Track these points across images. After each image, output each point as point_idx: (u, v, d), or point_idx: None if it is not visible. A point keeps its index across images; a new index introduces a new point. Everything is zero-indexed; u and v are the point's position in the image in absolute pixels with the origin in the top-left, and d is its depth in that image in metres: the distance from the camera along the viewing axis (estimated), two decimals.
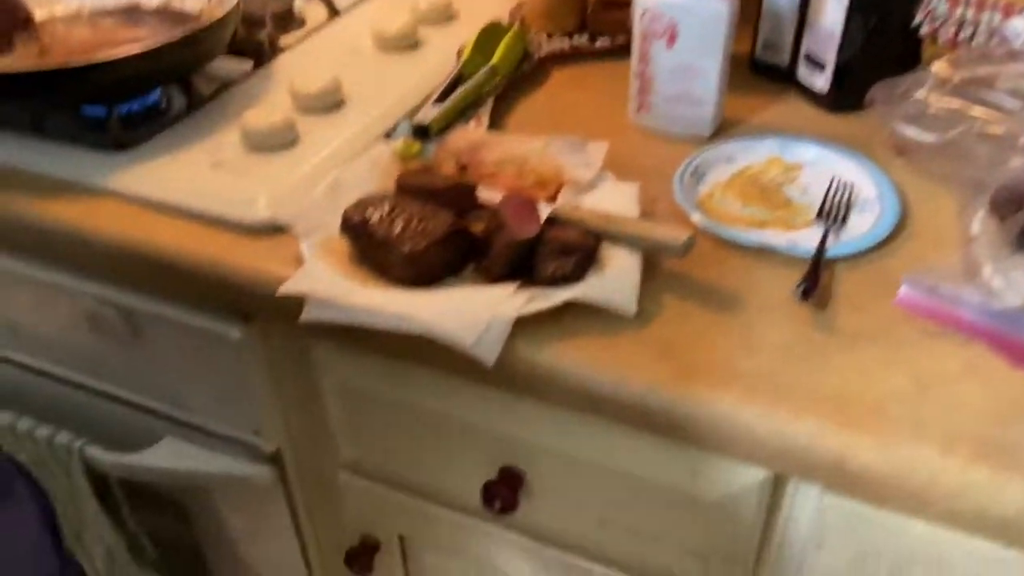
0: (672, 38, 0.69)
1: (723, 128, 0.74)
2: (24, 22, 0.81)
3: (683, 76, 0.71)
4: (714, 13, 0.67)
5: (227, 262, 0.61)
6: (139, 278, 0.66)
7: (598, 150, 0.67)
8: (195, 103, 0.77)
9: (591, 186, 0.64)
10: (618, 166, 0.66)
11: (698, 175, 0.68)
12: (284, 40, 0.90)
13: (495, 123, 0.75)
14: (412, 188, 0.61)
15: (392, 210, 0.58)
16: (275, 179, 0.67)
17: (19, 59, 0.78)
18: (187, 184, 0.67)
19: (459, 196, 0.62)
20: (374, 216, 0.58)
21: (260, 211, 0.63)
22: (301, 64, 0.84)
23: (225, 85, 0.80)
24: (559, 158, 0.67)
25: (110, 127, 0.71)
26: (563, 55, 0.85)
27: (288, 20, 0.94)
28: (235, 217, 0.63)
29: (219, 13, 0.79)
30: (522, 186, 0.65)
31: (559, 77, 0.84)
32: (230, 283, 0.61)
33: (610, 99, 0.77)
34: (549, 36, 0.87)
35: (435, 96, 0.75)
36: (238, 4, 0.80)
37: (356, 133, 0.72)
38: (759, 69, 0.81)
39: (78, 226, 0.65)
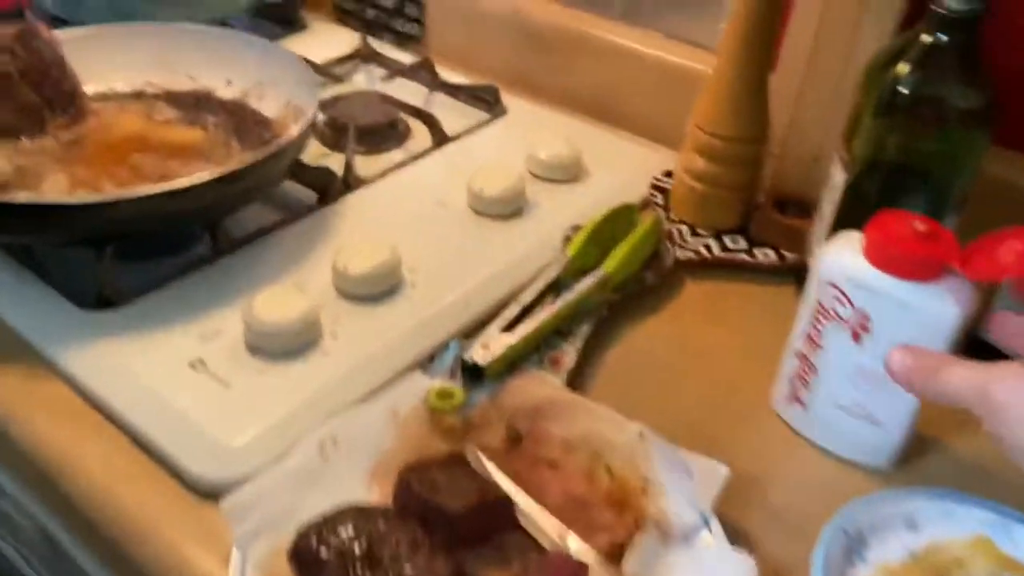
0: (859, 333, 0.46)
1: (908, 460, 0.50)
2: (68, 96, 0.68)
3: (865, 384, 0.48)
4: (935, 317, 0.44)
5: (146, 532, 0.43)
6: (55, 504, 0.49)
7: (712, 479, 0.44)
8: (221, 248, 0.61)
9: (684, 539, 0.43)
10: (741, 491, 0.44)
11: (856, 541, 0.44)
12: (368, 164, 0.73)
13: (585, 362, 0.55)
14: (416, 500, 0.41)
15: (369, 542, 0.39)
16: (263, 409, 0.49)
17: (31, 152, 0.64)
18: (153, 386, 0.50)
19: (486, 517, 0.42)
20: (332, 551, 0.38)
21: (216, 465, 0.45)
22: (372, 211, 0.67)
23: (269, 228, 0.63)
24: (653, 466, 0.45)
25: (99, 274, 0.55)
26: (707, 263, 0.64)
27: (382, 137, 0.77)
28: (183, 463, 0.46)
29: (293, 129, 0.63)
30: (585, 496, 0.45)
31: (694, 294, 0.62)
32: (141, 565, 0.43)
33: (760, 351, 0.55)
34: (694, 231, 0.66)
35: (517, 306, 0.55)
36: (312, 120, 0.63)
37: (394, 343, 0.54)
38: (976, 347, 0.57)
39: (7, 410, 0.50)
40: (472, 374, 0.51)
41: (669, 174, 0.71)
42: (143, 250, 0.61)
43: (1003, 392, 0.37)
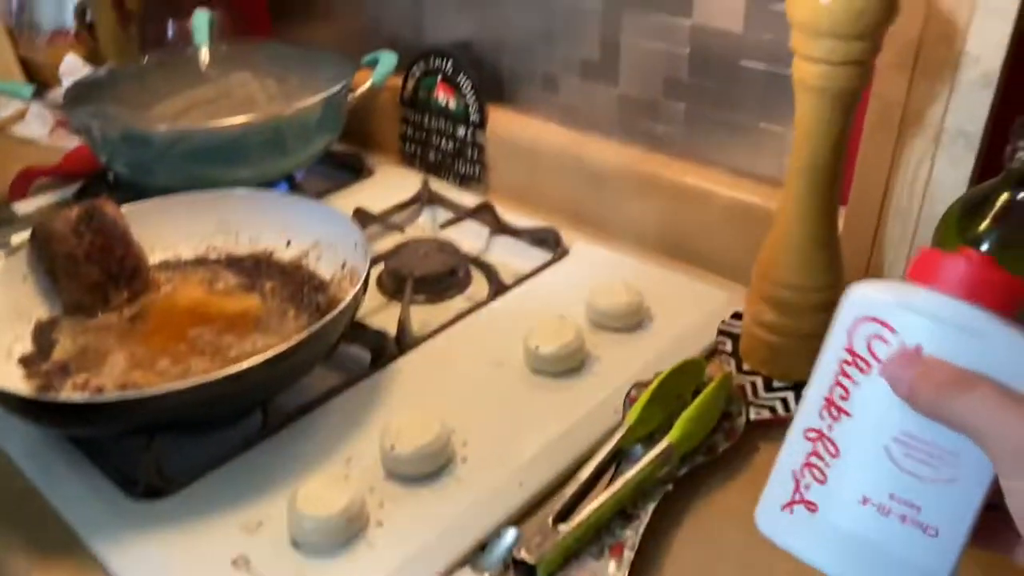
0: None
1: None
2: (132, 271, 0.69)
3: (911, 465, 0.33)
4: (1017, 356, 0.31)
5: None
6: None
7: None
8: (271, 424, 0.59)
9: None
10: None
11: None
12: (428, 313, 0.71)
13: (648, 548, 0.50)
14: None
15: None
16: None
17: (96, 329, 0.65)
18: None
19: None
20: None
21: None
22: (425, 374, 0.65)
23: (320, 399, 0.62)
24: None
25: (146, 465, 0.54)
26: (784, 422, 0.59)
27: (442, 285, 0.75)
28: None
29: (348, 289, 0.63)
30: None
31: (771, 459, 0.57)
32: None
33: None
34: (768, 384, 0.61)
35: (575, 484, 0.51)
36: (362, 290, 0.62)
37: (443, 532, 0.50)
38: None
39: None
40: (525, 571, 0.47)
41: (738, 316, 0.67)
42: (193, 427, 0.60)
43: None
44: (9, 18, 1.28)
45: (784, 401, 0.60)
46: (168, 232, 0.74)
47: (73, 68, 1.17)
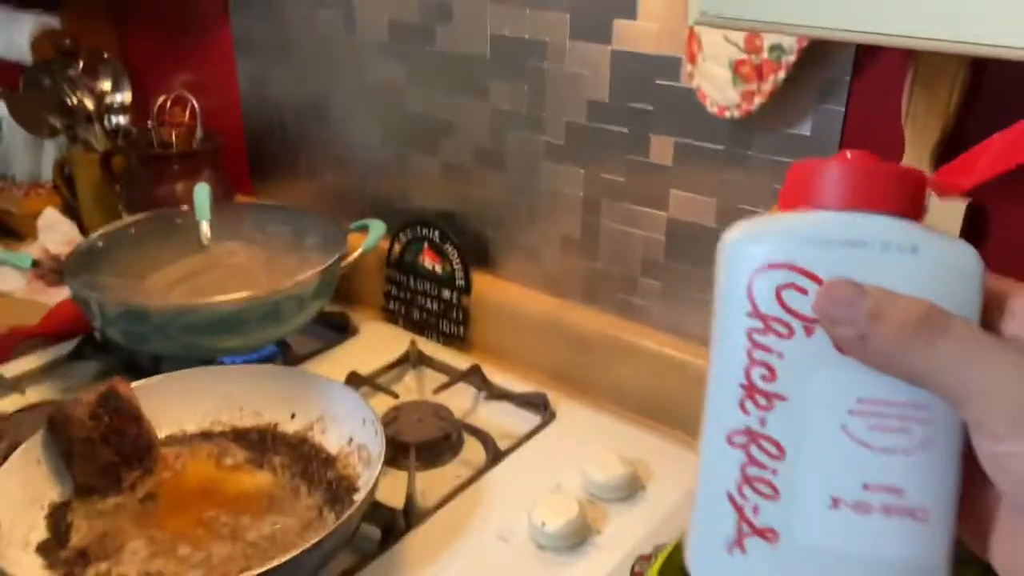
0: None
1: None
2: (144, 450, 0.71)
3: (882, 436, 0.26)
4: (951, 269, 0.26)
5: None
6: None
7: None
8: None
9: None
10: None
11: None
12: (425, 480, 0.75)
13: None
14: None
15: None
16: None
17: (110, 512, 0.66)
18: None
19: None
20: None
21: None
22: (434, 551, 0.67)
23: None
24: None
25: None
26: None
27: (438, 450, 0.79)
28: None
29: (355, 465, 0.66)
30: None
31: None
32: None
33: None
34: None
35: None
36: (379, 472, 0.65)
37: None
38: None
39: None
40: None
41: None
42: None
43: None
44: None
45: None
46: (173, 407, 0.76)
47: (52, 222, 1.19)
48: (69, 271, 0.88)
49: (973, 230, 0.62)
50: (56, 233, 1.18)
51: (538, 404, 0.85)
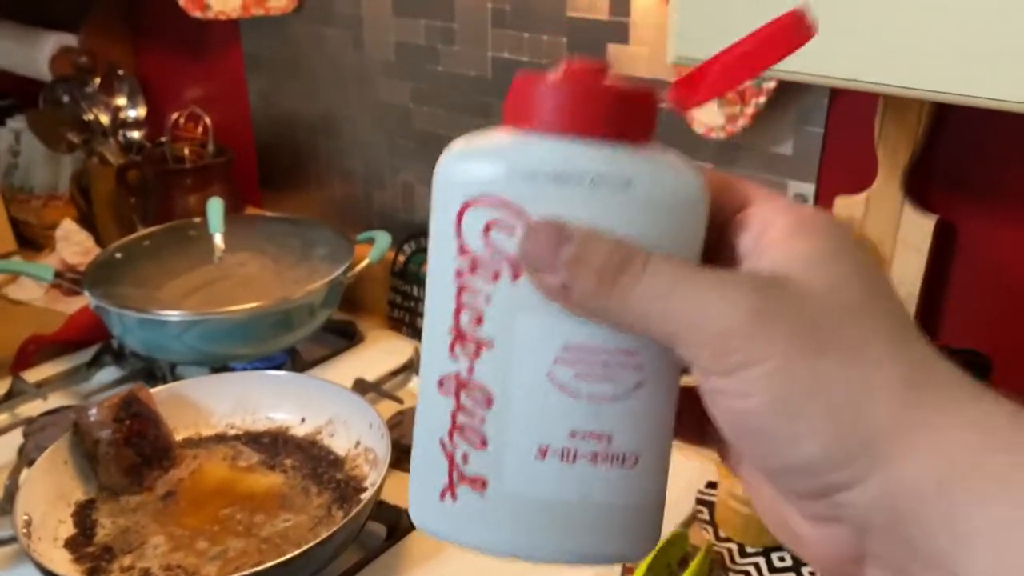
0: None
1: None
2: (163, 450, 0.75)
3: (592, 383, 0.25)
4: (670, 199, 0.25)
5: None
6: None
7: None
8: None
9: None
10: None
11: None
12: None
13: None
14: None
15: None
16: None
17: (132, 510, 0.70)
18: None
19: None
20: None
21: None
22: (438, 543, 0.71)
23: None
24: None
25: None
26: None
27: None
28: None
29: (363, 466, 0.70)
30: None
31: None
32: None
33: None
34: (743, 550, 0.70)
35: None
36: (385, 473, 0.69)
37: None
38: None
39: None
40: None
41: (712, 484, 0.76)
42: None
43: (720, 320, 0.22)
44: (0, 179, 1.35)
45: (756, 566, 0.69)
46: (190, 412, 0.81)
47: (70, 232, 1.24)
48: (89, 282, 0.93)
49: (942, 246, 0.67)
50: (73, 244, 1.22)
51: None
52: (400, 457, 0.81)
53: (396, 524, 0.73)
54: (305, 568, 0.64)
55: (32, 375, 0.96)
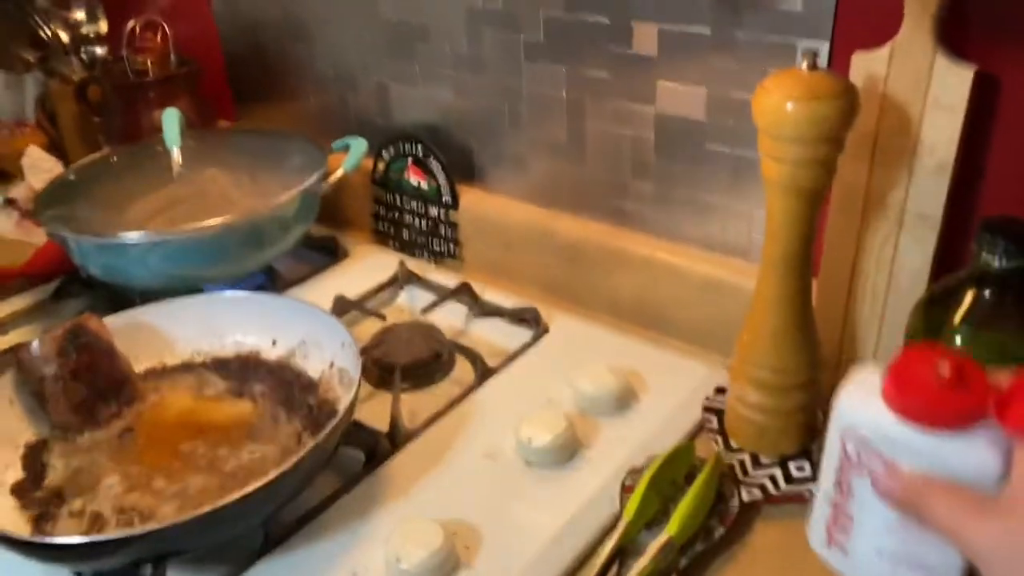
0: None
1: None
2: (119, 384, 0.69)
3: (908, 533, 0.41)
4: (973, 470, 0.38)
5: None
6: None
7: None
8: (273, 539, 0.60)
9: None
10: None
11: None
12: (414, 401, 0.72)
13: None
14: None
15: None
16: None
17: (86, 449, 0.64)
18: None
19: None
20: None
21: None
22: (420, 472, 0.65)
23: (319, 508, 0.62)
24: None
25: None
26: (774, 500, 0.60)
27: (427, 371, 0.76)
28: None
29: (336, 388, 0.64)
30: None
31: (766, 537, 0.59)
32: None
33: None
34: (756, 460, 0.63)
35: None
36: (357, 394, 0.63)
37: None
38: None
39: None
40: None
41: (721, 390, 0.69)
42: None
43: (982, 540, 0.36)
44: None
45: (772, 478, 0.61)
46: (152, 340, 0.74)
47: (36, 160, 1.16)
48: (40, 207, 0.86)
49: (981, 102, 0.57)
50: (41, 171, 1.15)
51: (529, 319, 0.81)
52: (383, 376, 0.75)
53: (375, 449, 0.67)
54: (270, 502, 0.58)
55: None
